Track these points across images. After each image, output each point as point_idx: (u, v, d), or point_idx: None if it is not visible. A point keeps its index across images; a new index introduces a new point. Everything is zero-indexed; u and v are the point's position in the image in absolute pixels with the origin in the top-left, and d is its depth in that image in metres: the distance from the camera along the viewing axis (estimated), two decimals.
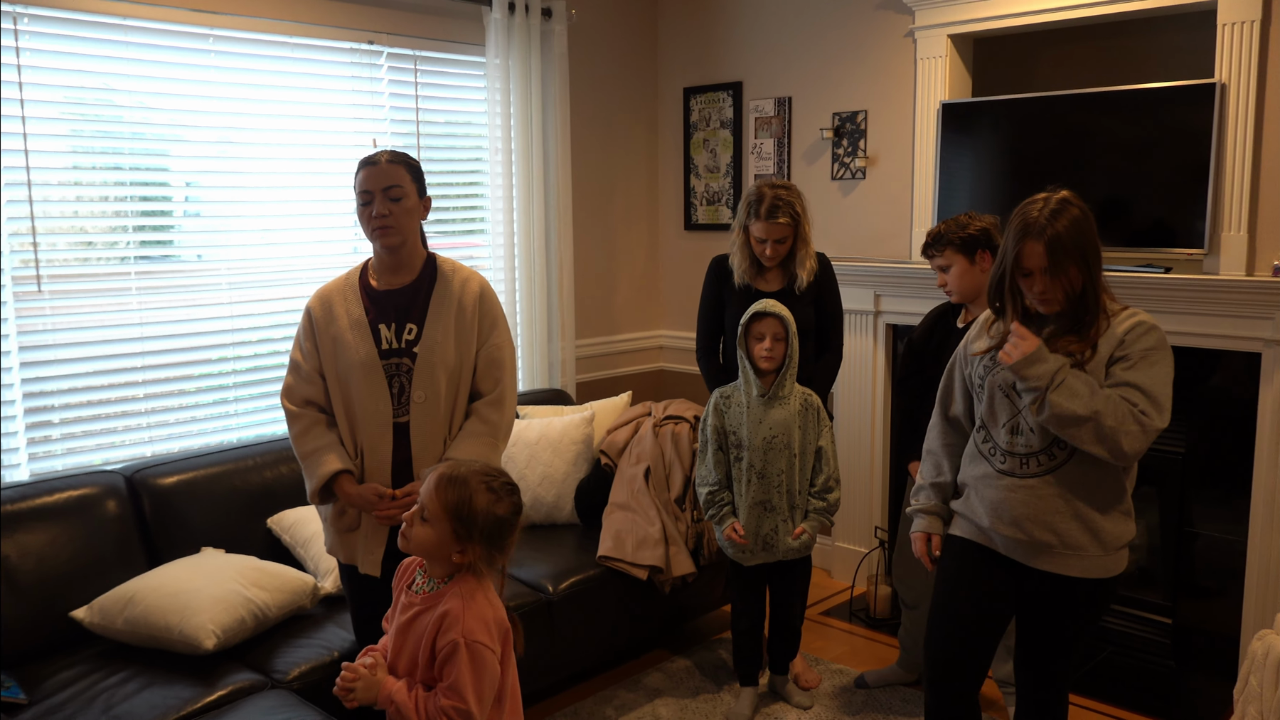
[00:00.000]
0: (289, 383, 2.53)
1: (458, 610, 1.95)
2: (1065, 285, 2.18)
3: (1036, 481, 2.25)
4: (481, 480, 1.98)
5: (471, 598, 1.98)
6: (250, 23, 3.53)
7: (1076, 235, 2.15)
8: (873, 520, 4.25)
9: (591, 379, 4.81)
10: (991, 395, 2.32)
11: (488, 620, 1.97)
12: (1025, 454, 2.26)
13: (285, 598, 2.87)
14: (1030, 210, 2.19)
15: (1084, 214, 2.19)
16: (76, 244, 3.26)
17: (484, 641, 1.95)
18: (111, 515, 2.97)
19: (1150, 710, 3.32)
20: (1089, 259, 2.17)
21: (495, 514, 1.98)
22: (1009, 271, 2.22)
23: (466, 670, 1.92)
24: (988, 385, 2.32)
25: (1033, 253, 2.17)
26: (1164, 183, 3.46)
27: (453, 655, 1.93)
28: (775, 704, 3.36)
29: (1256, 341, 3.27)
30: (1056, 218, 2.15)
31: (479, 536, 1.97)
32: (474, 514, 1.96)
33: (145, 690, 2.52)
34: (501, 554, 2.03)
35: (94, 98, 3.24)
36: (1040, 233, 2.15)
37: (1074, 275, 2.17)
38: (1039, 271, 2.18)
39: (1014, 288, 2.24)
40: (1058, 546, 2.26)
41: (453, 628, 1.94)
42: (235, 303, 3.60)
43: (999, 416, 2.31)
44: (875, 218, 4.28)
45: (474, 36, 4.17)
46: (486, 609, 1.99)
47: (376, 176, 2.44)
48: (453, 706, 1.91)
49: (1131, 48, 3.77)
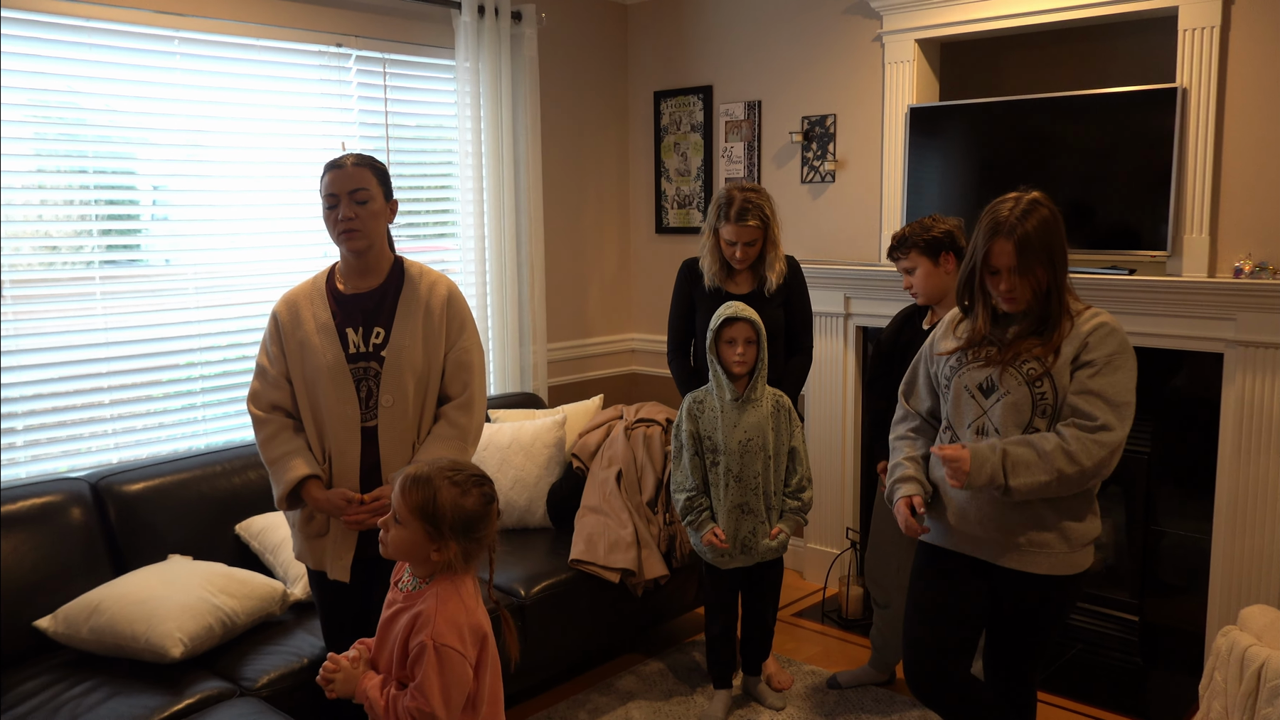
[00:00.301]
0: (255, 388, 2.51)
1: (430, 612, 1.95)
2: (1032, 284, 2.20)
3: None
4: (445, 476, 1.97)
5: (446, 600, 1.97)
6: (216, 25, 3.50)
7: (1045, 236, 2.18)
8: (844, 521, 4.27)
9: (564, 382, 4.80)
10: (958, 396, 2.34)
11: (459, 624, 1.96)
12: None
13: (254, 604, 2.84)
14: (1001, 209, 2.22)
15: (1053, 215, 2.22)
16: (41, 248, 3.21)
17: (453, 645, 1.94)
18: (76, 523, 2.93)
19: (1117, 707, 3.36)
20: (1055, 260, 2.20)
21: (463, 507, 1.97)
22: (978, 269, 2.25)
23: (433, 673, 1.91)
24: (954, 386, 2.34)
25: (1002, 251, 2.19)
26: (1128, 186, 3.50)
27: (420, 657, 1.92)
28: (748, 705, 3.37)
29: (1218, 342, 3.32)
30: (1026, 217, 2.18)
31: (450, 532, 1.96)
32: (441, 510, 1.95)
33: (111, 700, 2.49)
34: (478, 546, 2.02)
35: (58, 100, 3.20)
36: (1010, 232, 2.18)
37: (1040, 275, 2.20)
38: (1007, 270, 2.20)
39: (982, 285, 2.26)
40: (1024, 544, 2.28)
41: (423, 629, 1.93)
42: (203, 307, 3.56)
43: (965, 417, 2.33)
44: (845, 221, 4.30)
45: (443, 40, 4.16)
46: (459, 613, 1.97)
47: (342, 180, 2.43)
48: (417, 708, 1.91)
49: (1096, 53, 3.82)
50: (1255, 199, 3.31)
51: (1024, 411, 2.24)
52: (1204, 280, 3.30)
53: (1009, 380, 2.25)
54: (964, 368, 2.31)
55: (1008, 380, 2.25)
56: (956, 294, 2.34)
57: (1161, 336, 3.43)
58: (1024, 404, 2.23)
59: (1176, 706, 3.36)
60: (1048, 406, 2.23)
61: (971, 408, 2.31)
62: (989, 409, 2.27)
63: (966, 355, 2.32)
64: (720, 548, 3.11)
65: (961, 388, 2.32)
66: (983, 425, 2.29)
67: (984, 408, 2.28)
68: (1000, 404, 2.25)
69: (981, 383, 2.28)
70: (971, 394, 2.31)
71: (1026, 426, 2.25)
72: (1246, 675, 2.80)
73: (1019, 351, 2.24)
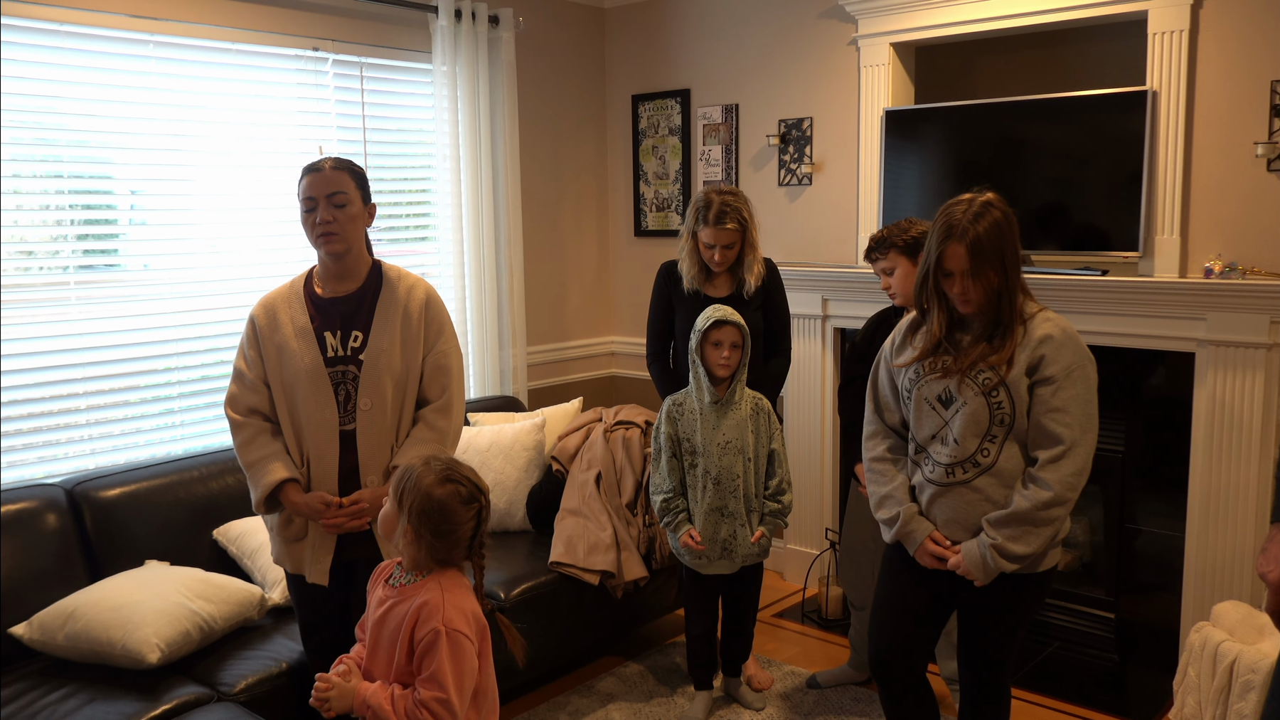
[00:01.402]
0: (233, 391, 2.50)
1: (437, 600, 1.95)
2: (985, 287, 2.22)
3: (964, 488, 2.30)
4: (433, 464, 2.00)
5: (452, 589, 1.98)
6: (192, 29, 3.49)
7: (997, 239, 2.19)
8: (823, 522, 4.29)
9: (544, 385, 4.81)
10: (919, 407, 2.36)
11: (466, 611, 1.97)
12: (951, 463, 2.31)
13: (231, 609, 2.83)
14: (954, 212, 2.23)
15: (1006, 217, 2.23)
16: (15, 253, 3.19)
17: (463, 631, 1.95)
18: (51, 529, 2.91)
19: (1093, 704, 3.39)
20: (1007, 262, 2.21)
21: (429, 494, 1.96)
22: (932, 272, 2.27)
23: (447, 660, 1.91)
24: (914, 398, 2.36)
25: (954, 254, 2.20)
26: (1100, 187, 3.54)
27: (434, 645, 1.92)
28: (729, 706, 3.38)
29: (1189, 341, 3.36)
30: (978, 220, 2.19)
31: (413, 517, 1.95)
32: (407, 490, 1.97)
33: (87, 706, 2.48)
34: (447, 545, 1.98)
35: (33, 104, 3.18)
36: (962, 235, 2.19)
37: (992, 278, 2.21)
38: (960, 273, 2.22)
39: (937, 288, 2.28)
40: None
41: (432, 617, 1.93)
42: (180, 312, 3.55)
43: (926, 427, 2.35)
44: (822, 223, 4.33)
45: (421, 44, 4.16)
46: (466, 601, 1.99)
47: (320, 183, 2.43)
48: (433, 698, 1.90)
49: (1069, 56, 3.86)
50: (1224, 200, 3.36)
51: (982, 422, 2.26)
52: (1175, 281, 3.34)
53: (966, 391, 2.26)
54: (922, 379, 2.33)
55: (965, 391, 2.26)
56: (914, 297, 2.36)
57: (1134, 336, 3.47)
58: (981, 414, 2.25)
59: (1153, 703, 3.40)
60: (1005, 416, 2.24)
61: (932, 419, 2.33)
62: (949, 420, 2.29)
63: (924, 366, 2.33)
64: (696, 549, 3.12)
65: (922, 399, 2.34)
66: (944, 436, 2.31)
67: (944, 419, 2.31)
68: (959, 415, 2.27)
69: (940, 394, 2.30)
70: (932, 405, 2.33)
71: (984, 435, 2.26)
72: (1219, 670, 2.84)
73: (974, 360, 2.25)
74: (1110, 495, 3.71)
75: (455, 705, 1.93)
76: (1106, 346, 3.52)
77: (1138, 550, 3.69)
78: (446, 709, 1.92)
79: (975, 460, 2.28)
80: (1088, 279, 3.47)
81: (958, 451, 2.29)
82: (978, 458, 2.27)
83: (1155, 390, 3.55)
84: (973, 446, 2.27)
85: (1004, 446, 2.27)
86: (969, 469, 2.29)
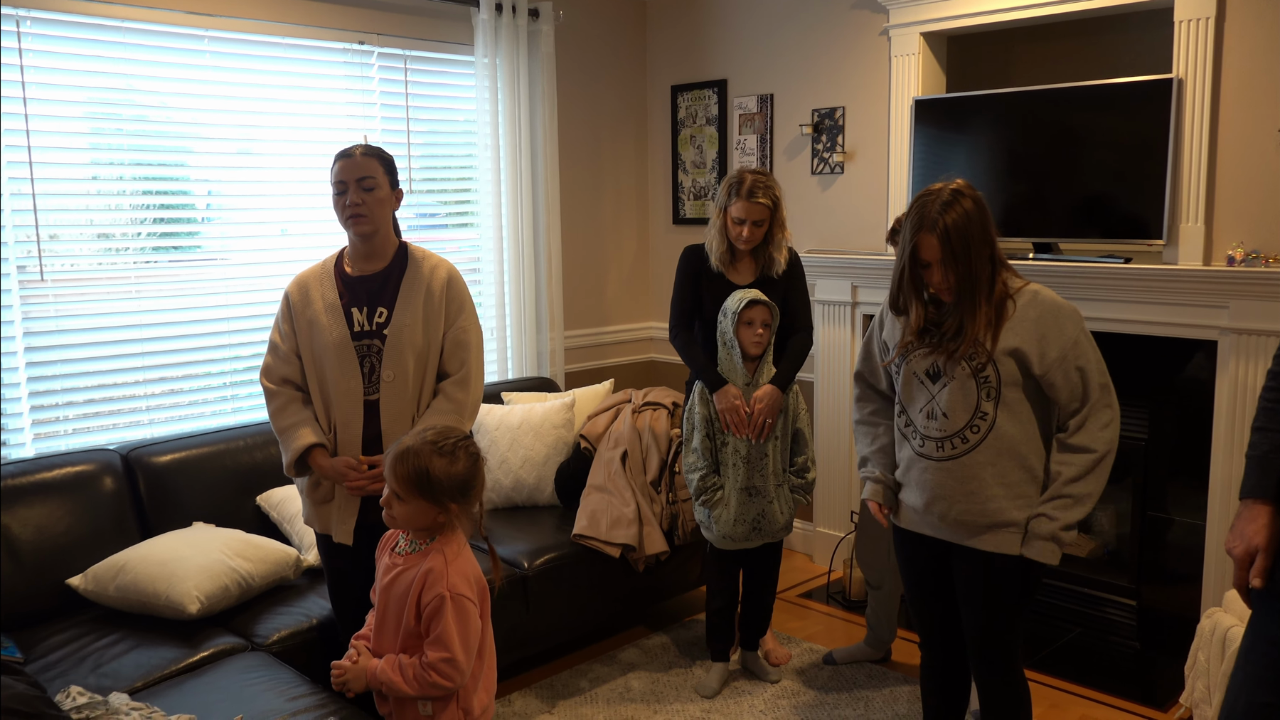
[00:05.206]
0: (268, 362, 2.68)
1: (440, 567, 2.11)
2: (959, 273, 2.26)
3: (953, 464, 2.35)
4: (432, 447, 2.12)
5: (455, 556, 2.14)
6: (244, 24, 3.69)
7: (965, 227, 2.22)
8: (850, 505, 4.36)
9: (582, 369, 4.95)
10: (908, 381, 2.42)
11: (469, 575, 2.14)
12: (941, 437, 2.36)
13: (269, 568, 3.03)
14: (926, 203, 2.27)
15: (975, 204, 2.26)
16: (85, 237, 3.42)
17: (466, 595, 2.11)
18: (108, 491, 3.13)
19: (1113, 689, 3.41)
20: (974, 250, 2.23)
21: (454, 474, 2.12)
22: (908, 265, 2.32)
23: (452, 622, 2.07)
24: (903, 371, 2.43)
25: (928, 245, 2.26)
26: (1126, 175, 3.55)
27: (439, 609, 2.07)
28: (744, 678, 3.48)
29: (1213, 330, 3.36)
30: (947, 210, 2.23)
31: (449, 497, 2.12)
32: (435, 480, 2.10)
33: (133, 651, 2.69)
34: (472, 501, 2.17)
35: (95, 96, 3.41)
36: (932, 226, 2.23)
37: (966, 265, 2.24)
38: (936, 263, 2.27)
39: (915, 278, 2.33)
40: (982, 524, 2.35)
41: (438, 583, 2.09)
42: (232, 292, 3.76)
43: (916, 401, 2.41)
44: (853, 211, 4.39)
45: (463, 36, 4.32)
46: (467, 565, 2.15)
47: (351, 168, 2.59)
48: (440, 658, 2.06)
49: (1100, 44, 3.86)
50: (1249, 188, 3.35)
51: (970, 395, 2.31)
52: (1197, 269, 3.34)
53: (953, 367, 2.31)
54: (911, 353, 2.40)
55: (952, 365, 2.32)
56: (890, 292, 2.40)
57: (1158, 324, 3.48)
58: (969, 388, 2.31)
59: (1170, 689, 3.41)
60: (991, 389, 2.29)
61: (921, 393, 2.39)
62: (936, 394, 2.35)
63: (913, 343, 2.40)
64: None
65: (910, 373, 2.41)
66: (931, 410, 2.37)
67: (932, 392, 2.37)
68: (946, 389, 2.33)
69: (929, 369, 2.36)
70: (920, 379, 2.39)
71: (974, 410, 2.31)
72: (1227, 655, 2.85)
73: (960, 345, 2.30)
74: (1132, 484, 3.72)
75: (461, 663, 2.08)
76: (1130, 335, 3.53)
77: (1160, 538, 3.70)
78: (453, 667, 2.08)
79: (964, 435, 2.33)
80: (1111, 267, 3.49)
81: (947, 425, 2.34)
82: (967, 433, 2.33)
83: (1178, 379, 3.55)
84: (962, 421, 2.33)
85: (996, 419, 2.31)
86: (958, 444, 2.34)
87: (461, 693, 2.15)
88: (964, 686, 2.65)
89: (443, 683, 2.08)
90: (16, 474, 3.01)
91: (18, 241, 3.25)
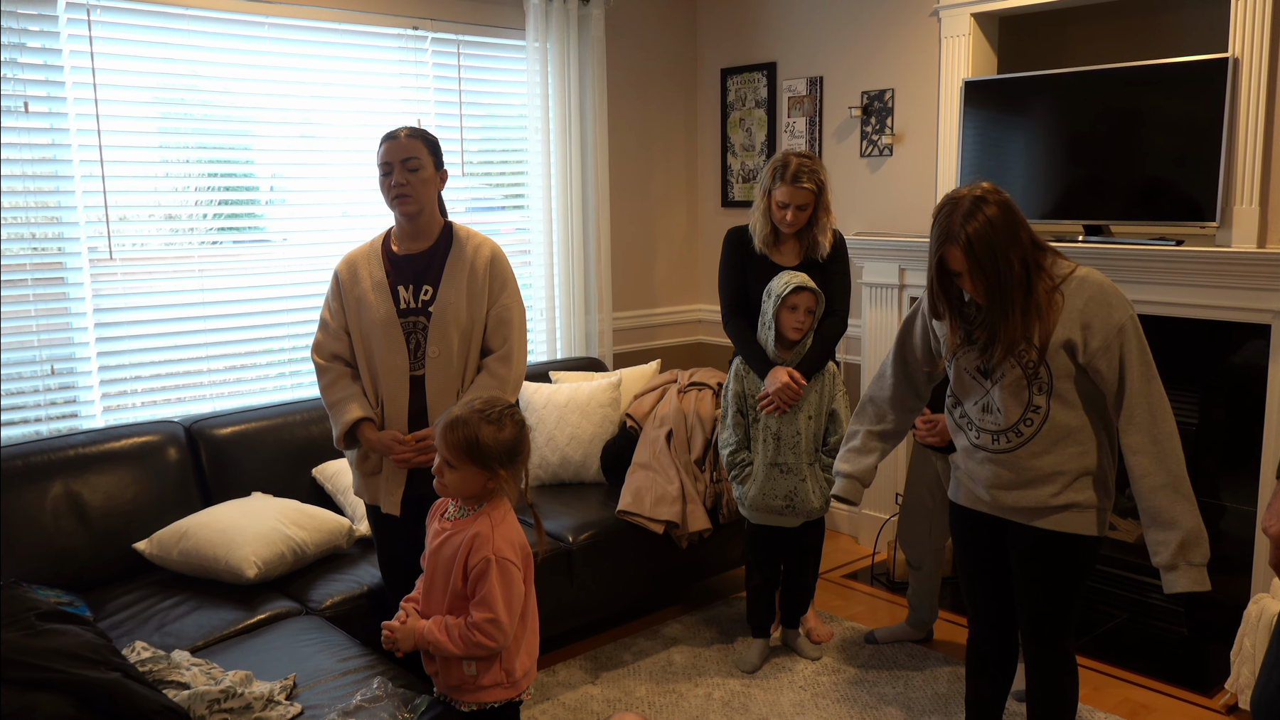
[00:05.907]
0: (318, 339, 2.79)
1: (487, 531, 2.20)
2: (990, 279, 2.22)
3: (1009, 456, 2.36)
4: (480, 415, 2.20)
5: (501, 521, 2.23)
6: (302, 10, 3.80)
7: (989, 235, 2.19)
8: (895, 487, 4.37)
9: (630, 350, 5.01)
10: (959, 376, 2.44)
11: (514, 541, 2.23)
12: (996, 430, 2.37)
13: (323, 537, 3.15)
14: (949, 213, 2.25)
15: (1000, 209, 2.21)
16: (153, 219, 3.57)
17: (511, 559, 2.20)
18: (172, 461, 3.28)
19: (1158, 674, 3.39)
20: (1000, 258, 2.20)
21: (503, 440, 2.21)
22: (935, 275, 2.31)
23: (497, 584, 2.17)
24: (954, 367, 2.44)
25: (953, 257, 2.24)
26: (1179, 156, 3.50)
27: (485, 572, 2.17)
28: (785, 655, 3.53)
29: (1267, 313, 3.31)
30: (969, 220, 2.19)
31: (498, 463, 2.21)
32: (485, 447, 2.19)
33: (194, 613, 2.83)
34: (520, 466, 2.27)
35: (161, 83, 3.55)
36: (956, 237, 2.21)
37: (995, 271, 2.21)
38: (966, 272, 2.25)
39: (945, 286, 2.32)
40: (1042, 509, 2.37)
41: (483, 547, 2.18)
42: (293, 273, 3.90)
43: (970, 394, 2.43)
44: (901, 194, 4.38)
45: (514, 21, 4.39)
46: (512, 531, 2.24)
47: (396, 149, 2.67)
48: (485, 619, 2.16)
49: (1156, 24, 3.79)
50: None
51: (1022, 391, 2.31)
52: (1251, 251, 3.28)
53: (1004, 364, 2.31)
54: (959, 353, 2.40)
55: (1004, 364, 2.31)
56: (927, 299, 2.40)
57: (1210, 308, 3.43)
58: (1020, 384, 2.31)
59: (1218, 676, 3.38)
60: (1043, 384, 2.29)
61: (975, 388, 2.41)
62: (990, 390, 2.36)
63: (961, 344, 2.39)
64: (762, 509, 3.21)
65: (962, 369, 2.42)
66: (987, 404, 2.38)
67: (985, 388, 2.38)
68: (999, 385, 2.34)
69: (979, 365, 2.37)
70: (972, 375, 2.40)
71: (1027, 405, 2.31)
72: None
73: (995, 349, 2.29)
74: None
75: (505, 624, 2.17)
76: (1181, 318, 3.48)
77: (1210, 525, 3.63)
78: (497, 628, 2.17)
79: (1018, 430, 2.34)
80: (1163, 249, 3.44)
81: (1002, 420, 2.35)
82: (1021, 427, 2.33)
83: (1231, 363, 3.50)
84: (1016, 415, 2.33)
85: (1049, 411, 2.30)
86: (1012, 438, 2.35)
87: (504, 654, 2.24)
88: (1009, 667, 2.66)
89: (486, 642, 2.16)
90: (87, 443, 3.16)
91: (88, 223, 3.40)
